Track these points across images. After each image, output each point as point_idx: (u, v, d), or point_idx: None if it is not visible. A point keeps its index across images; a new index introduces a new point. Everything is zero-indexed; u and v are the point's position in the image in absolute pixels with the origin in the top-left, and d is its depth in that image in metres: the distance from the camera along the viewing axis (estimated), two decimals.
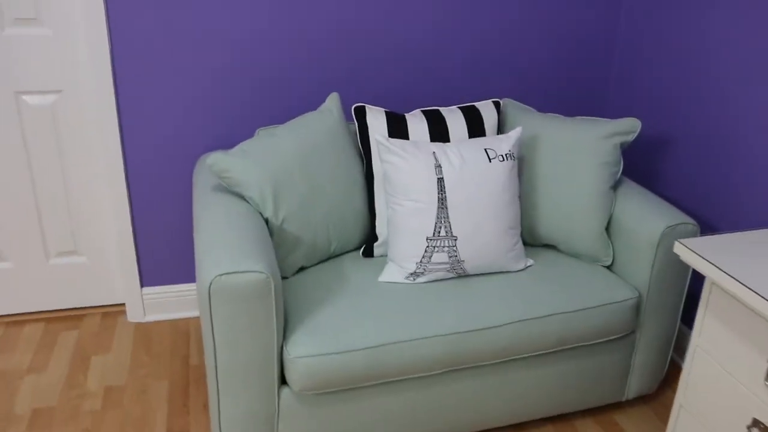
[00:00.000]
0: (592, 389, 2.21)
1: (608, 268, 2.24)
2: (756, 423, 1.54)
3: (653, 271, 2.09)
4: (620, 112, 2.80)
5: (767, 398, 1.50)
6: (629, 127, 2.20)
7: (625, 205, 2.20)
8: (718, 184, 2.31)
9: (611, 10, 2.71)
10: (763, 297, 1.40)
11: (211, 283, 1.70)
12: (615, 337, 2.11)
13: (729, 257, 1.56)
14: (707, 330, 1.67)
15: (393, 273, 2.06)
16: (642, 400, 2.40)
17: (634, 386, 2.27)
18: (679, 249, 1.63)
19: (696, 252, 1.59)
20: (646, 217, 2.12)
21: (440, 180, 2.00)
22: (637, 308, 2.14)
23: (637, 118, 2.68)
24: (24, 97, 2.43)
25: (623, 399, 2.29)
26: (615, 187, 2.28)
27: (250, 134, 2.56)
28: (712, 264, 1.54)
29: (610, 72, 2.82)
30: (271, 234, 2.04)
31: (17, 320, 2.71)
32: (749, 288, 1.43)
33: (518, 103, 2.44)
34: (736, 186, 2.24)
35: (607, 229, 2.23)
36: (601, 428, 2.26)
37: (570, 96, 2.82)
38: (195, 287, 2.74)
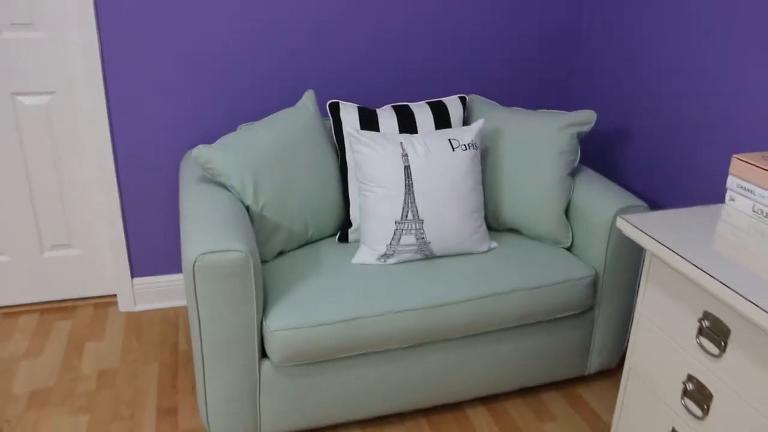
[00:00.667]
0: (555, 364, 2.36)
1: (568, 249, 2.41)
2: (690, 378, 1.69)
3: (608, 251, 2.25)
4: (582, 106, 2.97)
5: (699, 355, 1.66)
6: (585, 118, 2.36)
7: (582, 190, 2.37)
8: (667, 169, 2.48)
9: (574, 9, 2.88)
10: (692, 263, 1.55)
11: (195, 262, 1.85)
12: (574, 313, 2.27)
13: (665, 230, 1.72)
14: (648, 297, 1.83)
15: (365, 255, 2.22)
16: (604, 374, 2.55)
17: (595, 361, 2.43)
18: (622, 224, 1.79)
19: (635, 226, 1.75)
20: (601, 201, 2.28)
21: (407, 168, 2.16)
22: (595, 286, 2.30)
23: (598, 111, 2.85)
24: (19, 97, 2.58)
25: (586, 373, 2.45)
26: (573, 174, 2.44)
27: (232, 130, 2.72)
28: (649, 236, 1.70)
29: (574, 68, 2.99)
30: (252, 220, 2.20)
31: (13, 311, 2.85)
32: (680, 256, 1.59)
33: (483, 98, 2.61)
34: (682, 171, 2.41)
35: (567, 213, 2.39)
36: (566, 401, 2.41)
37: (534, 92, 2.99)
38: (183, 276, 2.89)
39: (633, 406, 1.92)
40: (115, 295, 2.96)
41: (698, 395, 1.66)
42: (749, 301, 1.39)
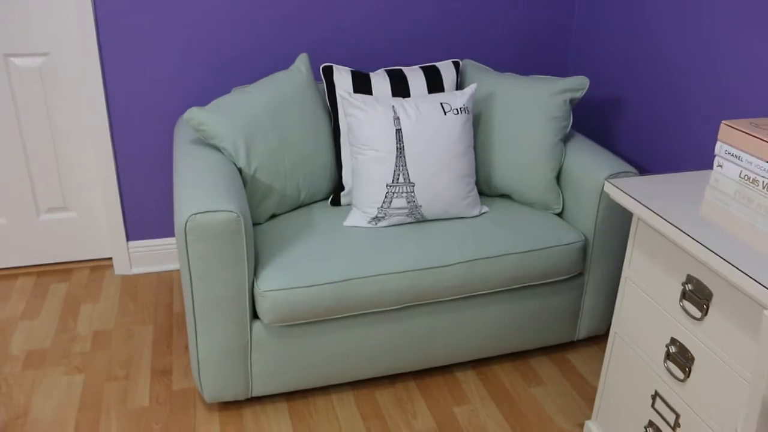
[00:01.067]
0: (545, 329, 2.39)
1: (559, 215, 2.42)
2: (673, 341, 1.71)
3: (598, 217, 2.27)
4: (578, 72, 2.97)
5: (682, 318, 1.68)
6: (578, 84, 2.36)
7: (574, 156, 2.37)
8: (661, 136, 2.48)
9: None
10: (675, 226, 1.57)
11: (186, 222, 1.87)
12: (564, 278, 2.29)
13: (652, 195, 1.73)
14: (635, 262, 1.84)
15: (357, 218, 2.23)
16: (593, 340, 2.58)
17: (584, 327, 2.45)
18: (609, 188, 1.80)
19: (622, 189, 1.76)
20: (591, 167, 2.29)
21: (398, 131, 2.16)
22: (584, 251, 2.31)
23: (594, 78, 2.85)
24: (13, 59, 2.58)
25: (575, 339, 2.47)
26: (566, 140, 2.45)
27: (227, 93, 2.71)
28: (635, 199, 1.71)
29: (570, 34, 2.98)
30: (245, 183, 2.21)
31: (10, 274, 2.88)
32: (665, 219, 1.60)
33: (477, 63, 2.60)
34: (675, 138, 2.41)
35: (558, 178, 2.40)
36: (554, 365, 2.44)
37: (529, 58, 2.99)
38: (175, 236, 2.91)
39: (618, 370, 1.94)
40: (111, 258, 2.98)
41: (680, 358, 1.69)
42: (730, 263, 1.40)
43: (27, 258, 2.89)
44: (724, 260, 1.42)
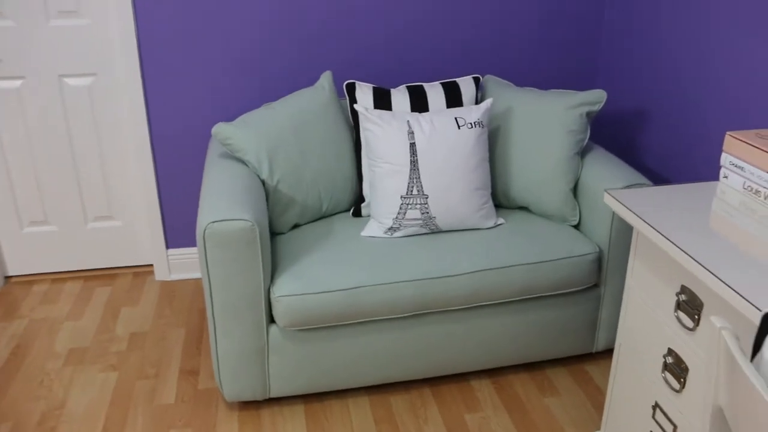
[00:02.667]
0: (561, 340, 2.41)
1: (576, 227, 2.44)
2: (670, 352, 1.73)
3: (612, 229, 2.29)
4: (602, 86, 2.98)
5: (677, 328, 1.69)
6: (595, 98, 2.39)
7: (591, 169, 2.40)
8: (680, 149, 2.48)
9: None
10: (666, 237, 1.59)
11: (205, 229, 1.99)
12: (578, 289, 2.31)
13: (653, 206, 1.75)
14: (636, 272, 1.86)
15: (373, 228, 2.31)
16: (611, 352, 2.58)
17: (602, 339, 2.46)
18: (608, 199, 1.83)
19: (619, 201, 1.78)
20: (607, 179, 2.31)
21: (412, 145, 2.24)
22: (599, 263, 2.33)
23: (618, 92, 2.86)
24: (65, 79, 2.77)
25: (593, 350, 2.48)
26: (583, 153, 2.47)
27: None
28: (631, 210, 1.73)
29: (595, 50, 3.00)
30: (268, 194, 2.32)
31: (60, 278, 3.07)
32: (656, 230, 1.62)
33: (498, 78, 2.66)
34: (694, 150, 2.41)
35: (575, 191, 2.43)
36: (571, 376, 2.46)
37: (554, 73, 3.02)
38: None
39: (623, 380, 1.96)
40: (152, 265, 3.14)
41: (676, 368, 1.70)
42: (713, 274, 1.42)
43: (75, 263, 3.08)
44: (708, 271, 1.43)
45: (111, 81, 2.80)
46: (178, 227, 2.99)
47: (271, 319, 2.17)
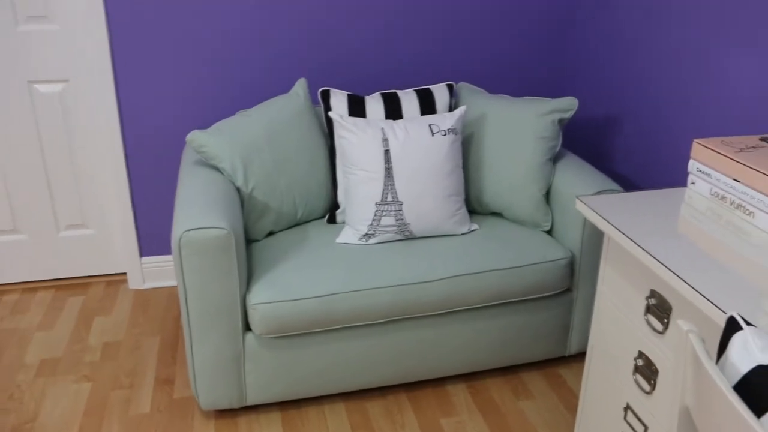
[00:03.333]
0: (535, 344, 2.44)
1: (548, 232, 2.48)
2: (640, 354, 1.76)
3: (584, 234, 2.32)
4: (575, 93, 3.03)
5: (647, 331, 1.73)
6: (567, 105, 2.43)
7: (563, 175, 2.44)
8: (652, 155, 2.53)
9: (567, 1, 2.94)
10: (634, 241, 1.62)
11: (180, 237, 1.99)
12: (550, 293, 2.34)
13: (622, 212, 1.78)
14: (607, 277, 1.90)
15: (348, 235, 2.32)
16: (584, 355, 2.62)
17: (575, 342, 2.50)
18: (580, 206, 1.86)
19: (590, 207, 1.82)
20: (578, 185, 2.35)
21: (386, 152, 2.26)
22: (571, 268, 2.37)
23: (590, 98, 2.91)
24: (35, 85, 2.75)
25: (567, 354, 2.52)
26: (556, 159, 2.51)
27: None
28: (601, 216, 1.77)
29: (566, 56, 3.05)
30: (243, 202, 2.32)
31: (31, 287, 3.04)
32: (625, 235, 1.66)
33: (471, 85, 2.69)
34: (666, 156, 2.46)
35: (548, 196, 2.47)
36: (545, 380, 2.49)
37: (532, 84, 3.06)
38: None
39: (596, 383, 1.99)
40: (126, 273, 3.13)
41: (646, 371, 1.73)
42: (679, 277, 1.45)
43: (46, 272, 3.05)
44: (676, 275, 1.47)
45: (83, 87, 2.78)
46: (153, 235, 2.98)
47: (247, 327, 2.17)
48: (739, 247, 1.59)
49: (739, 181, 1.74)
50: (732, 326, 1.00)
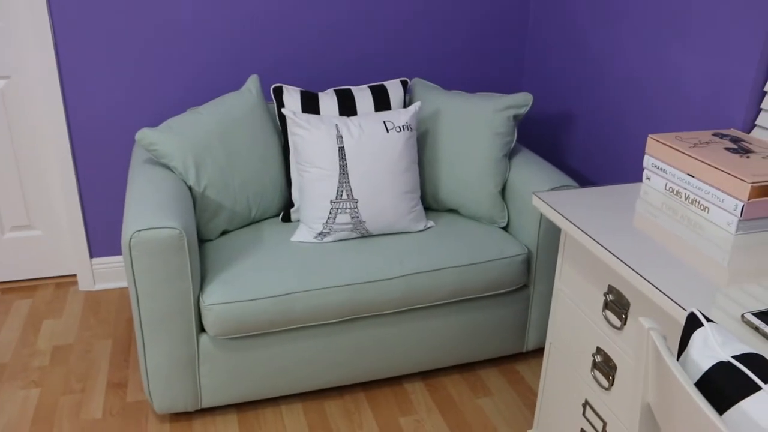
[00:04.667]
0: (492, 341, 2.44)
1: (504, 229, 2.48)
2: (599, 350, 1.77)
3: (540, 230, 2.33)
4: (530, 88, 3.04)
5: (605, 327, 1.73)
6: (522, 101, 2.43)
7: (518, 171, 2.44)
8: (609, 151, 2.55)
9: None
10: (592, 238, 1.62)
11: (131, 238, 1.93)
12: (508, 290, 2.34)
13: (578, 208, 1.78)
14: (564, 274, 1.90)
15: (303, 233, 2.29)
16: (541, 351, 2.63)
17: (532, 339, 2.50)
18: (536, 201, 1.86)
19: (546, 203, 1.81)
20: (534, 180, 2.35)
21: (341, 149, 2.23)
22: (528, 264, 2.37)
23: (546, 94, 2.92)
24: None
25: (524, 350, 2.52)
26: (511, 155, 2.51)
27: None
28: (558, 212, 1.76)
29: (522, 52, 3.06)
30: (195, 201, 2.27)
31: None
32: (583, 231, 1.66)
33: (426, 81, 2.68)
34: (622, 152, 2.48)
35: (504, 193, 2.46)
36: (503, 376, 2.49)
37: (486, 79, 3.06)
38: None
39: (554, 379, 2.00)
40: (76, 275, 3.04)
41: (605, 367, 1.74)
42: (637, 272, 1.46)
43: None
44: (633, 271, 1.47)
45: (26, 83, 2.69)
46: (102, 235, 2.90)
47: (201, 328, 2.12)
48: (695, 242, 1.60)
49: (693, 176, 1.76)
50: (692, 323, 1.00)
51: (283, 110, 2.31)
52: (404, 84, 2.55)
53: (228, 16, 2.67)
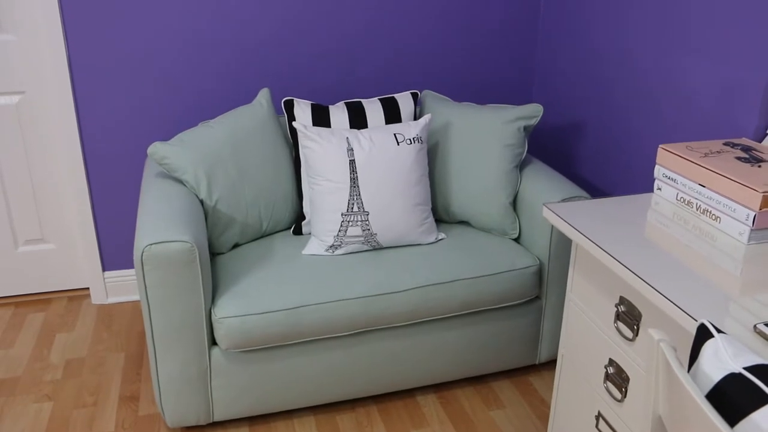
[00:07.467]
0: (505, 353, 2.43)
1: (516, 240, 2.47)
2: (611, 362, 1.76)
3: (552, 242, 2.32)
4: (541, 100, 3.04)
5: (617, 339, 1.72)
6: (532, 112, 2.43)
7: (529, 182, 2.43)
8: (621, 161, 2.54)
9: (531, 9, 2.95)
10: (602, 249, 1.62)
11: (143, 252, 1.94)
12: (520, 302, 2.34)
13: (588, 219, 1.78)
14: (576, 285, 1.89)
15: (314, 246, 2.29)
16: (554, 363, 2.62)
17: (545, 350, 2.49)
18: (547, 213, 1.86)
19: (557, 214, 1.81)
20: (545, 192, 2.35)
21: (352, 162, 2.23)
22: (540, 276, 2.36)
23: (558, 106, 2.92)
24: None
25: (537, 362, 2.51)
26: (522, 166, 2.51)
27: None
28: (568, 223, 1.76)
29: (533, 64, 3.06)
30: (207, 214, 2.28)
31: None
32: (593, 242, 1.65)
33: (436, 93, 2.68)
34: (634, 163, 2.47)
35: (515, 204, 2.46)
36: (516, 388, 2.48)
37: (497, 91, 3.06)
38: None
39: (567, 391, 1.98)
40: (88, 288, 3.05)
41: (617, 378, 1.73)
42: (648, 283, 1.45)
43: (5, 289, 2.96)
44: (645, 282, 1.46)
45: (41, 99, 2.72)
46: (115, 249, 2.91)
47: (213, 342, 2.12)
48: (707, 252, 1.59)
49: (704, 186, 1.75)
50: (703, 334, 0.99)
51: (294, 123, 2.31)
52: (414, 96, 2.56)
53: (239, 30, 2.69)
